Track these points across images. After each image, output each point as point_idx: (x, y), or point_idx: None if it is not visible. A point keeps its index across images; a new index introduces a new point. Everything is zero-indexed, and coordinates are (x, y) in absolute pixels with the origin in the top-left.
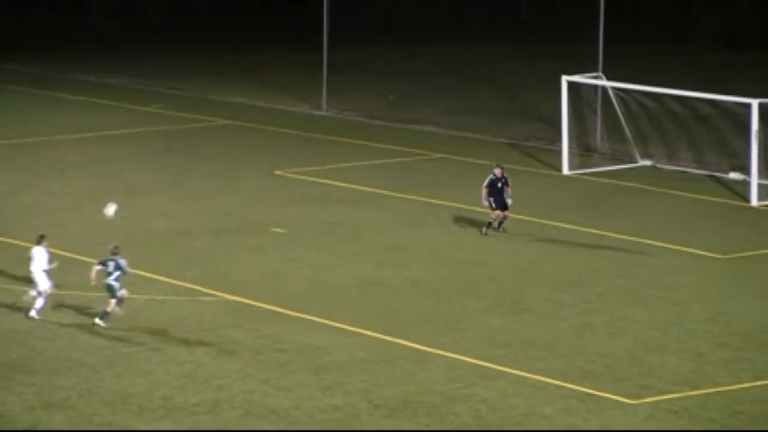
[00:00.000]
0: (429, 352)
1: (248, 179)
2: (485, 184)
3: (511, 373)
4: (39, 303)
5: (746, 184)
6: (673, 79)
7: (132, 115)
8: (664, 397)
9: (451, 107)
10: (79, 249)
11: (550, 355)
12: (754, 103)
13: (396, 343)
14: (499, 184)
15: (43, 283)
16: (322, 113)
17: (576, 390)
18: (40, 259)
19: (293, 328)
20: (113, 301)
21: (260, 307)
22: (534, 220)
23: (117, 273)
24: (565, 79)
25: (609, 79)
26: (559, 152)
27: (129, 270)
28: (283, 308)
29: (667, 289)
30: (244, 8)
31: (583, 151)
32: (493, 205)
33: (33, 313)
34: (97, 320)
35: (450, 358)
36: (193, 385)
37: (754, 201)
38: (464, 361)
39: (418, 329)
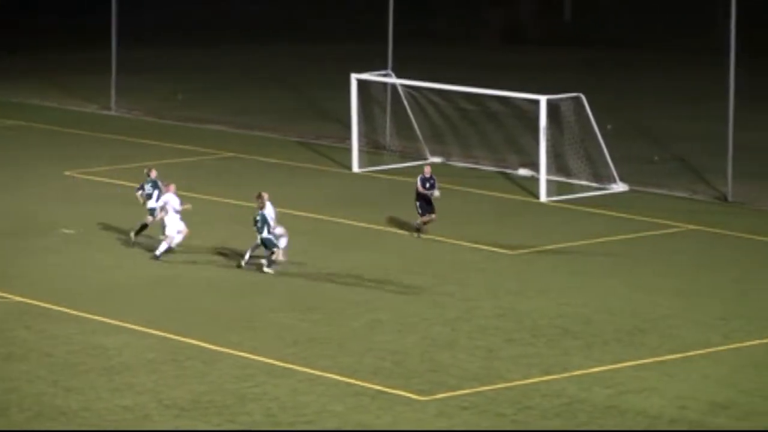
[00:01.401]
0: (219, 351)
1: (38, 180)
2: (418, 184)
3: (301, 371)
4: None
5: (535, 181)
6: (462, 76)
7: None
8: (455, 393)
9: (241, 106)
10: None
11: (340, 353)
12: (543, 99)
13: (186, 342)
14: (428, 185)
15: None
16: (111, 113)
17: (366, 387)
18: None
19: (83, 329)
20: (277, 250)
21: (49, 308)
22: (324, 218)
23: (266, 226)
24: (354, 77)
25: (399, 77)
26: (349, 150)
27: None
28: (73, 309)
29: (457, 286)
30: (28, 8)
31: (373, 149)
32: (419, 210)
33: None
34: (265, 268)
35: (240, 357)
36: None
37: (543, 197)
38: (255, 359)
39: (209, 328)
